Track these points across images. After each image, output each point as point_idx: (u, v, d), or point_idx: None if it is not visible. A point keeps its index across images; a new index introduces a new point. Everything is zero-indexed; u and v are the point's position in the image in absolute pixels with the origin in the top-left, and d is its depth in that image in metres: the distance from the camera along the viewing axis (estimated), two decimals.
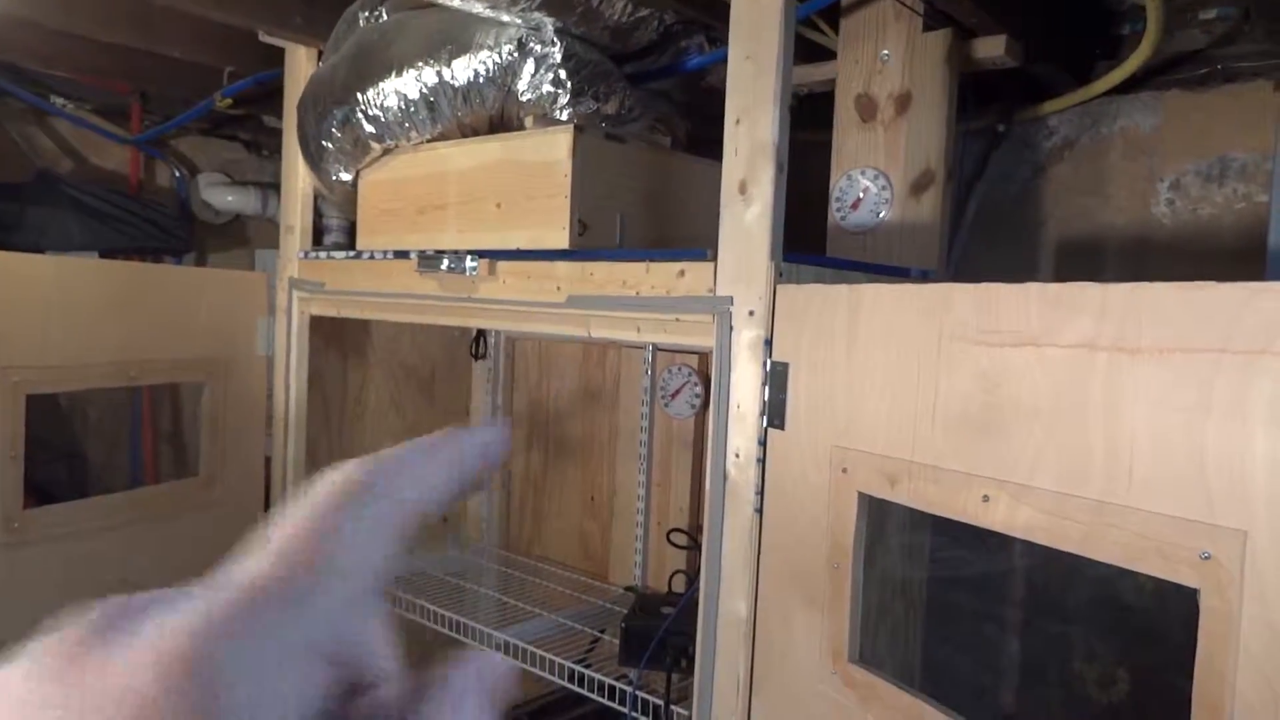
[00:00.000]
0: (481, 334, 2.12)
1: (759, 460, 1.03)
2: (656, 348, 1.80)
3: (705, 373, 1.75)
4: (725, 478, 1.06)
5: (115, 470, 2.34)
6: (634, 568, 1.81)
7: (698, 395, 1.72)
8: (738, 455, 1.05)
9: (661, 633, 1.38)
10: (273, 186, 2.40)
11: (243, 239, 2.54)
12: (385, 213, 1.54)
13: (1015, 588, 1.60)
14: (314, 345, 1.84)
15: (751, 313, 1.04)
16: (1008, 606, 1.61)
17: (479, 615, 1.66)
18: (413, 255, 1.43)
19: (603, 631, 1.63)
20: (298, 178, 1.74)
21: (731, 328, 1.06)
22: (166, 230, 2.32)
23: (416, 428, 2.07)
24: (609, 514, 1.91)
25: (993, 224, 1.77)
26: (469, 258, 1.36)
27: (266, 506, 1.79)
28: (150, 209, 2.34)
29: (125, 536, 1.51)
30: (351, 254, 1.61)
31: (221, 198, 2.47)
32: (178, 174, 2.47)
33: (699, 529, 1.76)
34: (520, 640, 1.52)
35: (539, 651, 1.48)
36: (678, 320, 1.14)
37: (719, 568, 1.07)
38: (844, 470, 0.95)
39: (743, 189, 1.03)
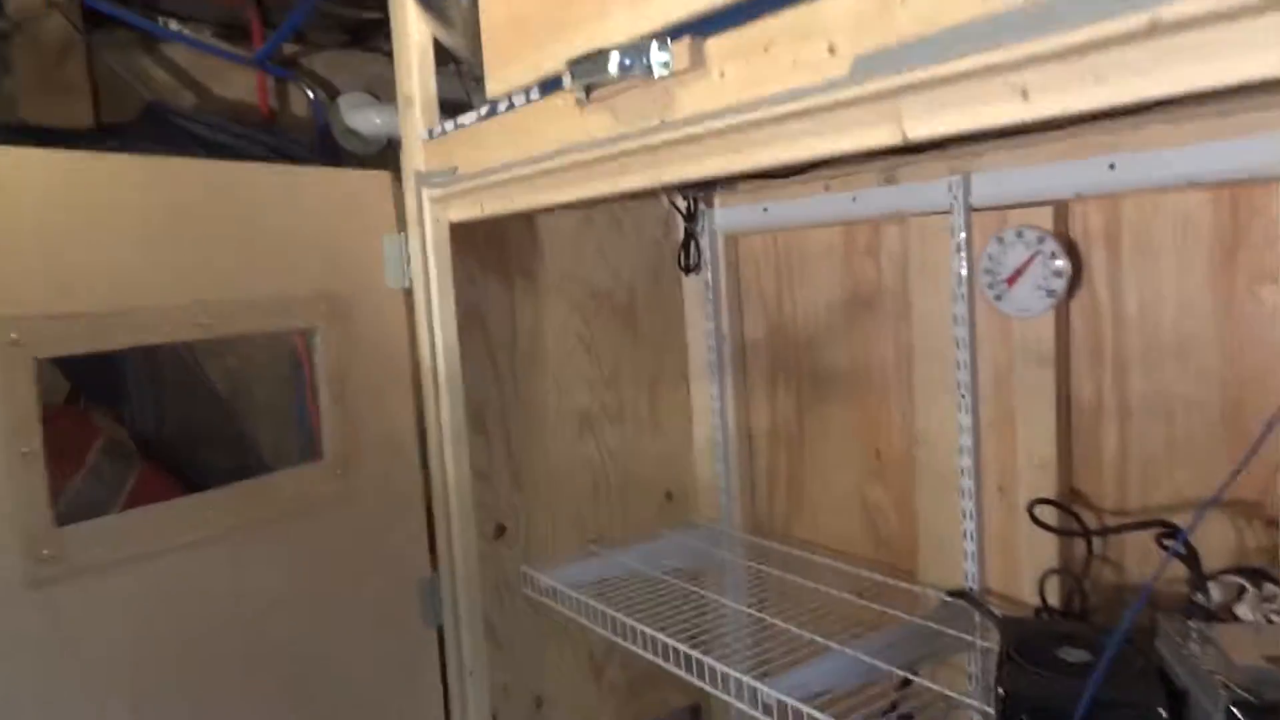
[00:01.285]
0: (692, 237, 1.52)
1: None
2: (972, 205, 1.11)
3: (1066, 234, 1.04)
4: None
5: (285, 450, 1.98)
6: (963, 560, 1.15)
7: (1058, 273, 1.02)
8: None
9: (1086, 707, 0.72)
10: None
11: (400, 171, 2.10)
12: (515, 22, 0.96)
13: None
14: (464, 268, 1.32)
15: None
16: None
17: (723, 647, 1.08)
18: (565, 77, 0.84)
19: (915, 672, 1.00)
20: (409, 19, 1.20)
21: None
22: (303, 163, 1.90)
23: (618, 373, 1.50)
24: (909, 476, 1.25)
25: None
26: (655, 45, 0.75)
27: (427, 495, 1.30)
28: (282, 139, 1.94)
29: (221, 555, 1.06)
30: (484, 111, 1.04)
31: (368, 120, 2.03)
32: (312, 96, 2.06)
33: (1076, 496, 1.06)
34: (800, 700, 0.91)
35: None
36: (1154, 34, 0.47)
37: None
38: None
39: None
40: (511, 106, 0.99)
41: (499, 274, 1.37)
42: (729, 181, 1.41)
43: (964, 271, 1.11)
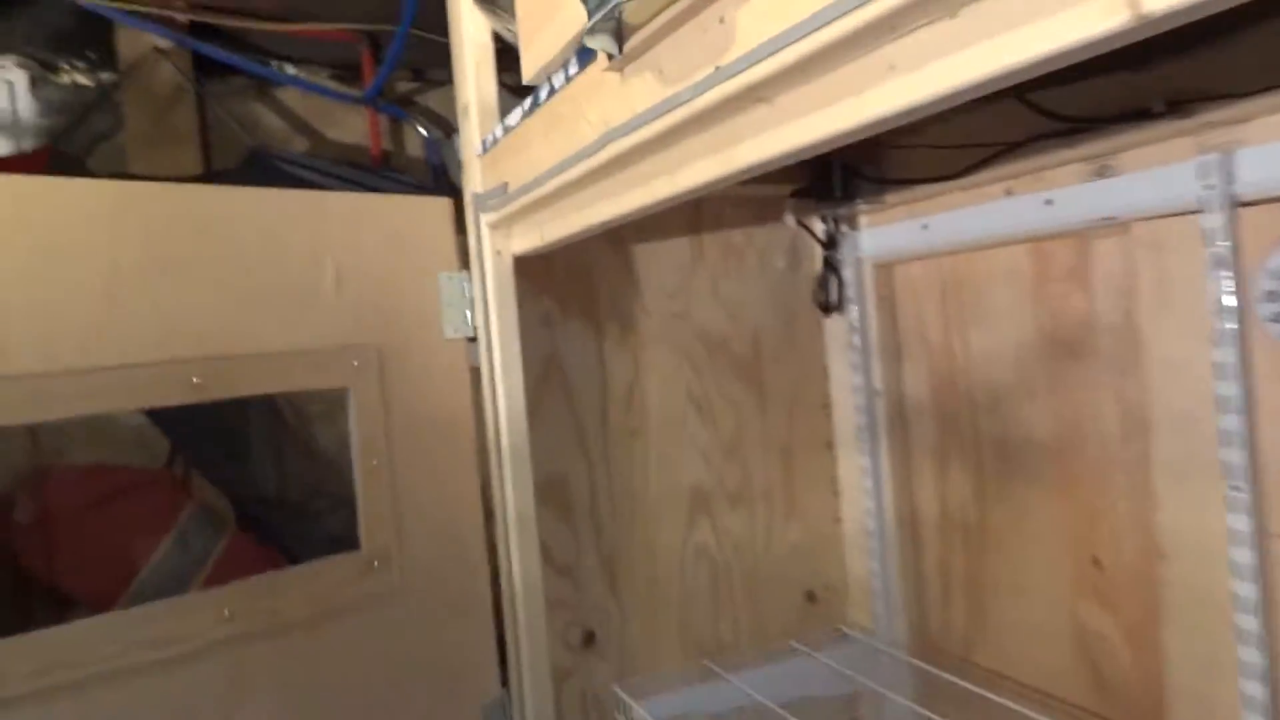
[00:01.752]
0: (832, 268, 1.20)
1: None
2: (1238, 198, 0.73)
3: None
4: None
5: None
6: None
7: None
8: None
9: None
10: None
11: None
12: None
13: None
14: (538, 310, 1.07)
15: None
16: None
17: None
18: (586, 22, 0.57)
19: None
20: (463, 13, 0.99)
21: None
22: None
23: (741, 440, 1.20)
24: (1147, 598, 0.86)
25: None
26: None
27: (495, 600, 1.05)
28: (391, 180, 1.80)
29: (214, 672, 0.85)
30: (527, 105, 0.80)
31: None
32: (426, 134, 1.92)
33: None
34: None
35: None
36: None
37: None
38: None
39: None
40: (553, 91, 0.74)
41: (584, 317, 1.12)
42: (874, 192, 1.09)
43: (1229, 299, 0.74)
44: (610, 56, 0.59)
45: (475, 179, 0.99)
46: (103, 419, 1.70)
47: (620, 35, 0.57)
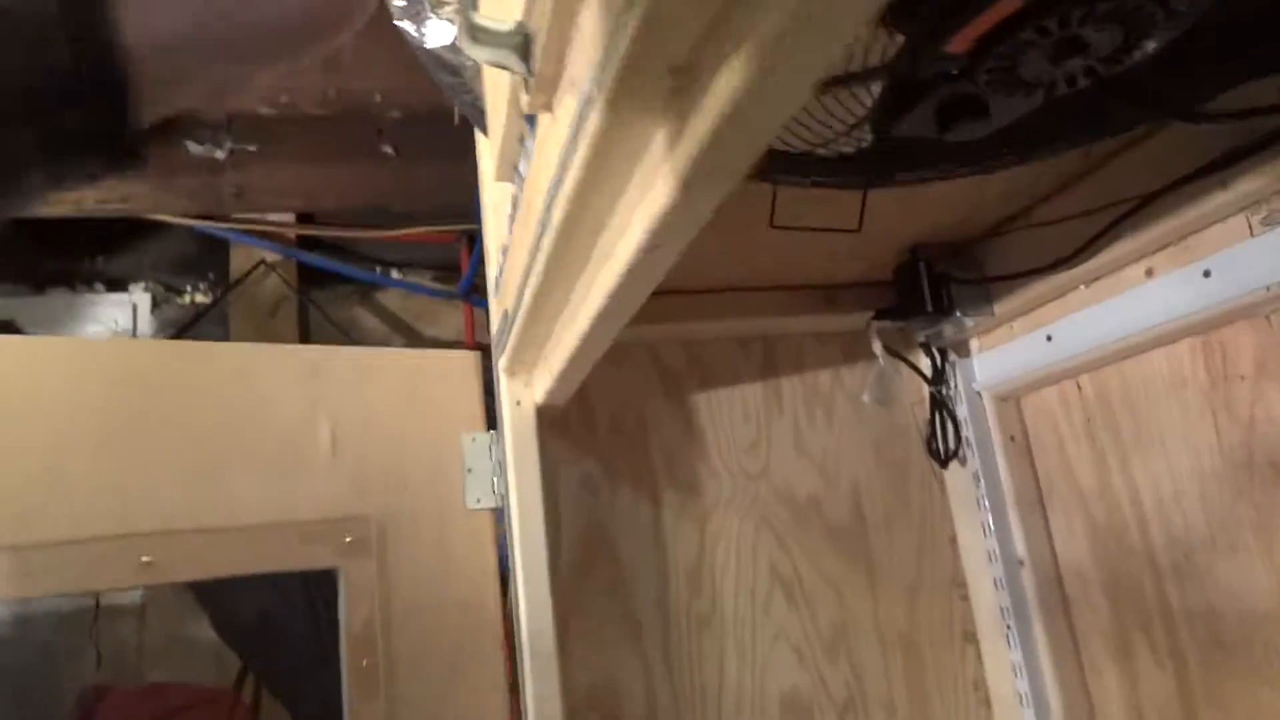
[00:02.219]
0: (943, 406, 0.97)
1: None
2: None
3: None
4: None
5: None
6: None
7: None
8: None
9: None
10: None
11: None
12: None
13: None
14: (574, 474, 0.91)
15: None
16: None
17: None
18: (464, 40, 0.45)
19: None
20: (482, 155, 0.92)
21: None
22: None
23: (845, 631, 0.94)
24: None
25: None
26: None
27: None
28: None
29: None
30: (509, 213, 0.68)
31: None
32: None
33: None
34: None
35: None
36: None
37: None
38: None
39: None
40: (521, 181, 0.62)
41: (636, 480, 0.93)
42: (974, 299, 0.88)
43: None
44: (525, 84, 0.47)
45: (495, 318, 0.88)
46: (181, 636, 1.63)
47: (528, 51, 0.45)
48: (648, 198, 0.42)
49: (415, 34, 0.68)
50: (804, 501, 0.97)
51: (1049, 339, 0.83)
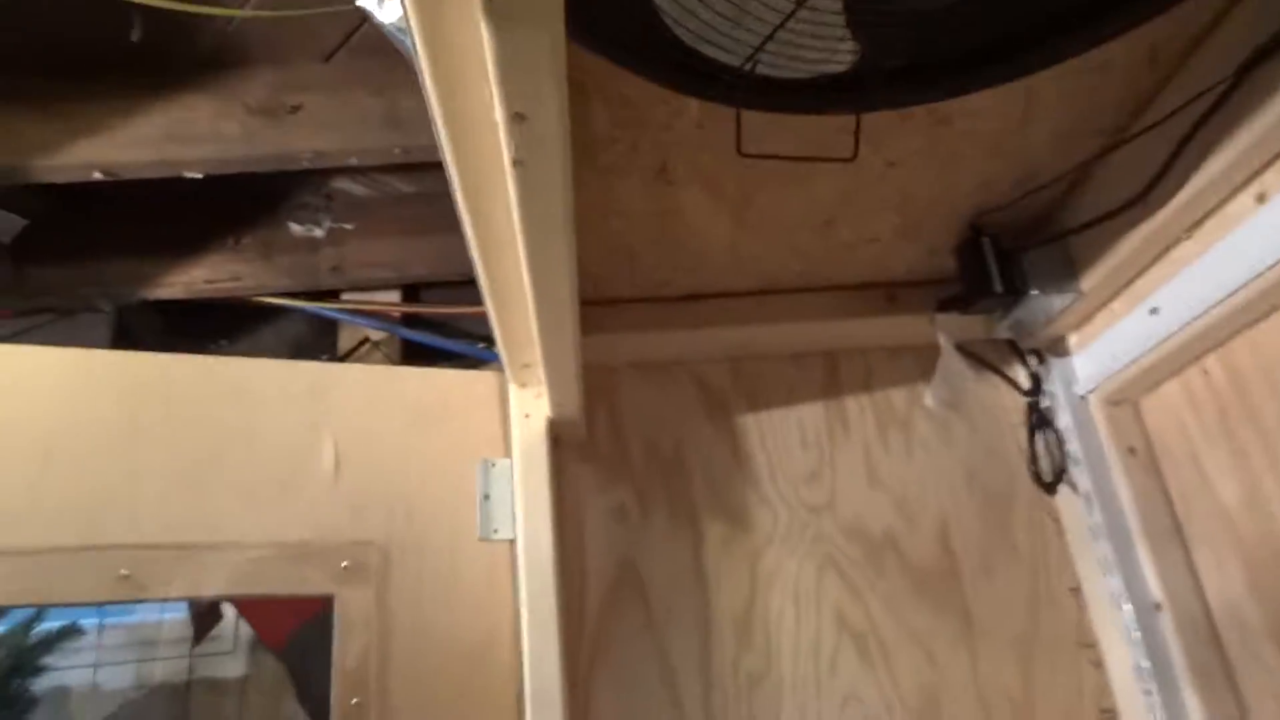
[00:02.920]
0: (1043, 420, 0.80)
1: None
2: None
3: None
4: None
5: None
6: None
7: None
8: None
9: None
10: None
11: None
12: None
13: None
14: (604, 503, 0.81)
15: None
16: None
17: None
18: None
19: None
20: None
21: None
22: None
23: (938, 697, 0.77)
24: None
25: None
26: None
27: None
28: None
29: None
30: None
31: None
32: None
33: None
34: None
35: None
36: None
37: None
38: None
39: None
40: None
41: (673, 511, 0.82)
42: (1049, 267, 0.72)
43: None
44: None
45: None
46: (278, 713, 1.59)
47: None
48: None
49: (374, 10, 0.66)
50: (879, 539, 0.82)
51: (1153, 311, 0.67)
